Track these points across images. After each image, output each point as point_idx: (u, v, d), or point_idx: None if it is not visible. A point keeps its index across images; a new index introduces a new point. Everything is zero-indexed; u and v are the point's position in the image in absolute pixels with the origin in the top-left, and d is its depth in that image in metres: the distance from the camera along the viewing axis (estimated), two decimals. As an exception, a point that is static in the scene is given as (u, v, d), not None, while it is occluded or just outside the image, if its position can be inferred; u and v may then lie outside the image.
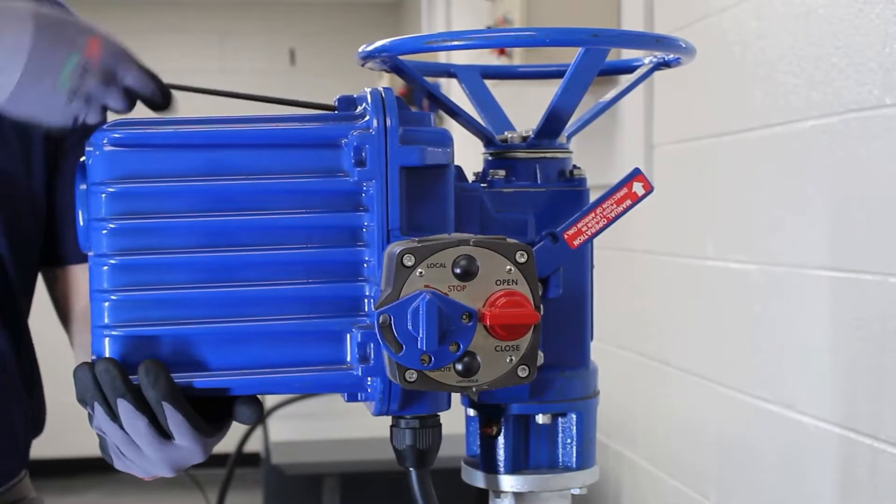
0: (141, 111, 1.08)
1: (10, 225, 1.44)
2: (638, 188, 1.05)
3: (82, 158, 1.03)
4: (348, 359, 1.02)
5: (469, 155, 1.27)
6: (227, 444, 1.21)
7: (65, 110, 1.02)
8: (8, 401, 1.46)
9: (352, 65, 1.24)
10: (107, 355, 1.01)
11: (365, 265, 1.02)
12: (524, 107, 1.89)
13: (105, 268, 1.01)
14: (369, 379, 1.02)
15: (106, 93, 1.04)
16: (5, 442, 1.46)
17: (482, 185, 1.09)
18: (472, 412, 1.11)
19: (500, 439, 1.09)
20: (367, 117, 1.02)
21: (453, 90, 3.57)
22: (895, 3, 1.74)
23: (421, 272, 0.93)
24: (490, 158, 1.12)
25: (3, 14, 1.00)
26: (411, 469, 1.03)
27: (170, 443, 1.02)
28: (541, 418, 1.08)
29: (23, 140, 1.44)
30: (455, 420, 1.13)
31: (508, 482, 1.08)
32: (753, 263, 2.20)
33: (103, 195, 1.00)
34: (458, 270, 0.94)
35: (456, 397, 1.05)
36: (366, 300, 1.02)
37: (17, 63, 0.99)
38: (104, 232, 1.01)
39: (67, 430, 4.78)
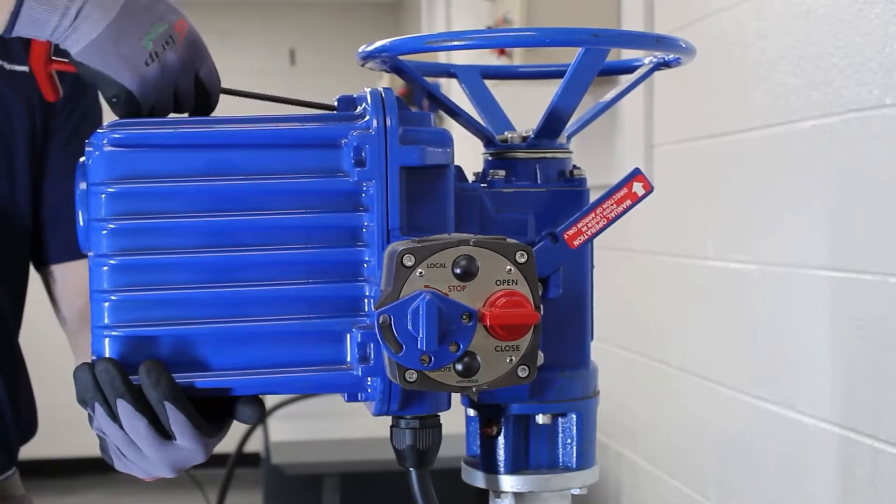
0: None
1: None
2: (638, 188, 1.05)
3: (82, 159, 1.03)
4: (348, 359, 1.02)
5: (469, 155, 1.27)
6: (227, 444, 1.21)
7: (140, 70, 1.04)
8: None
9: (352, 65, 1.24)
10: (107, 355, 1.01)
11: (365, 265, 1.02)
12: (524, 107, 1.88)
13: (105, 268, 1.01)
14: (369, 379, 1.02)
15: (181, 73, 1.07)
16: None
17: (482, 185, 1.09)
18: (472, 412, 1.11)
19: (500, 439, 1.09)
20: (367, 117, 1.01)
21: (453, 90, 3.57)
22: (895, 3, 1.74)
23: (421, 272, 0.93)
24: (490, 158, 1.12)
25: None
26: (411, 469, 1.03)
27: (170, 443, 1.02)
28: (541, 418, 1.08)
29: (7, 155, 1.44)
30: (455, 420, 1.13)
31: (508, 482, 1.08)
32: (753, 263, 2.20)
33: (103, 195, 1.00)
34: (458, 270, 0.94)
35: (456, 397, 1.05)
36: (366, 300, 1.02)
37: (104, 18, 1.02)
38: (104, 232, 1.00)
39: (67, 430, 4.79)
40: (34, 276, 1.55)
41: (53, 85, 1.14)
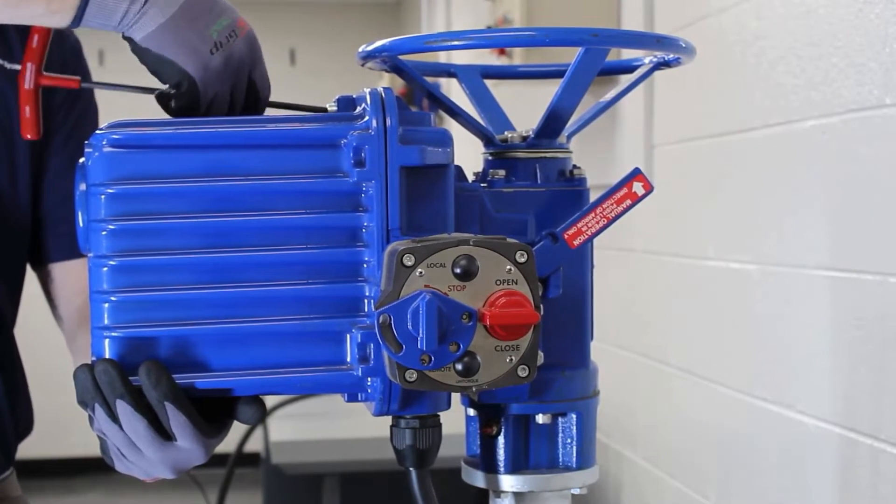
0: (140, 113, 1.08)
1: None
2: (638, 188, 1.05)
3: (81, 160, 1.03)
4: (348, 359, 1.02)
5: (469, 155, 1.27)
6: (227, 444, 1.22)
7: (205, 58, 1.04)
8: None
9: (352, 65, 1.24)
10: (106, 356, 1.01)
11: (365, 265, 1.02)
12: (524, 107, 1.88)
13: (105, 269, 1.01)
14: (369, 379, 1.02)
15: (241, 69, 1.07)
16: None
17: (482, 185, 1.09)
18: (472, 412, 1.11)
19: (500, 439, 1.09)
20: (367, 118, 1.01)
21: (453, 90, 3.57)
22: (895, 3, 1.74)
23: (421, 272, 0.93)
24: (490, 158, 1.12)
25: None
26: (411, 469, 1.03)
27: (170, 444, 1.02)
28: (541, 418, 1.08)
29: (8, 152, 1.44)
30: (455, 420, 1.13)
31: (508, 482, 1.08)
32: (753, 263, 2.20)
33: (103, 196, 1.00)
34: (458, 270, 0.94)
35: (456, 397, 1.05)
36: (366, 300, 1.02)
37: (172, 4, 1.03)
38: (104, 233, 1.00)
39: (67, 430, 4.79)
40: (31, 275, 1.55)
41: (36, 122, 1.12)
